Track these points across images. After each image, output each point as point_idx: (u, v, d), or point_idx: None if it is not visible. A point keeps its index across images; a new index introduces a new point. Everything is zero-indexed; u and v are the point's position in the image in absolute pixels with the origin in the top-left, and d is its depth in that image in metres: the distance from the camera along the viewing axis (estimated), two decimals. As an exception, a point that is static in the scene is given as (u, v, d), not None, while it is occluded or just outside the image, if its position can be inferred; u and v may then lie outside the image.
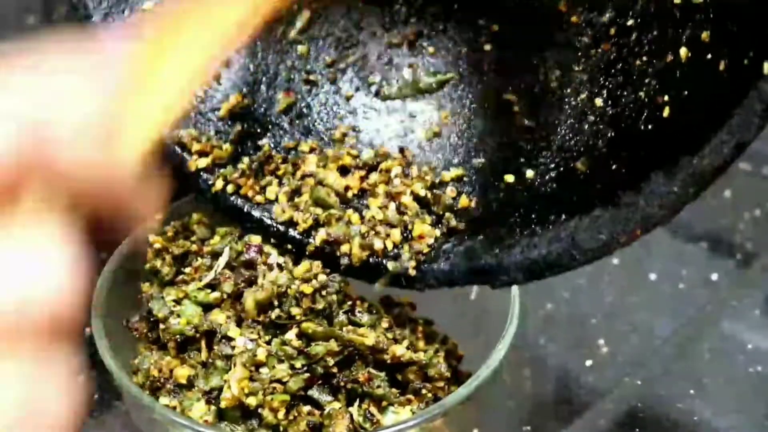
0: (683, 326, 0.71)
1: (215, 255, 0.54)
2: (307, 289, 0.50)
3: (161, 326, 0.52)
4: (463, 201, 0.54)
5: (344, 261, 0.52)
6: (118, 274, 0.55)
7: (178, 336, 0.52)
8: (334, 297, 0.51)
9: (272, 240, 0.54)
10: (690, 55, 0.47)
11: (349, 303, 0.52)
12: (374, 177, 0.55)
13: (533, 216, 0.51)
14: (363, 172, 0.55)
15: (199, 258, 0.54)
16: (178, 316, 0.52)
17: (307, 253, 0.53)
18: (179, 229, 0.56)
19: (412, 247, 0.52)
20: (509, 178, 0.54)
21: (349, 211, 0.53)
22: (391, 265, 0.52)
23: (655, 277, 0.75)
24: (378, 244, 0.52)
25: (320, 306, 0.51)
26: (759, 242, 0.78)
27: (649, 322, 0.71)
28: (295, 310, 0.50)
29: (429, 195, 0.54)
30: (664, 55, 0.48)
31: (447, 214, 0.53)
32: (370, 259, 0.52)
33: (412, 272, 0.52)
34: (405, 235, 0.53)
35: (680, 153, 0.45)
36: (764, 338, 0.69)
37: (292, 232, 0.54)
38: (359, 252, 0.52)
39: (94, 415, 0.63)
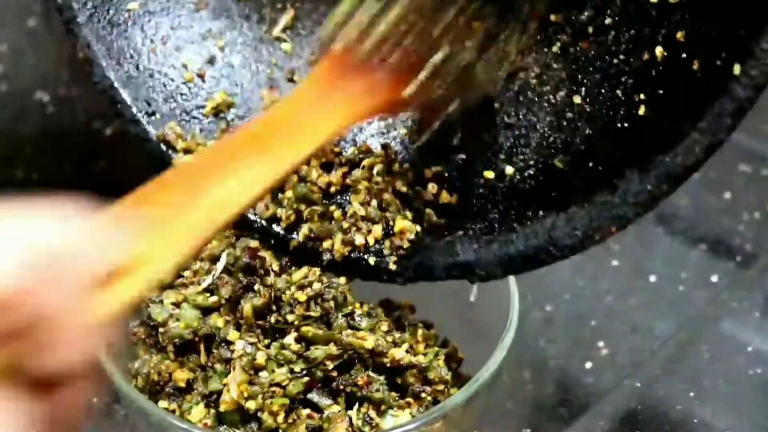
0: (683, 328, 0.71)
1: (214, 259, 0.54)
2: (302, 297, 0.50)
3: (160, 330, 0.52)
4: (444, 197, 0.54)
5: (326, 257, 0.52)
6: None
7: (177, 339, 0.52)
8: (331, 304, 0.51)
9: (256, 236, 0.54)
10: (665, 54, 0.48)
11: (349, 307, 0.52)
12: (357, 173, 0.55)
13: (512, 212, 0.51)
14: (345, 169, 0.56)
15: (197, 261, 0.54)
16: (177, 319, 0.52)
17: (290, 248, 0.53)
18: (178, 232, 0.56)
19: (393, 243, 0.52)
20: (489, 174, 0.54)
21: (332, 207, 0.54)
22: (372, 260, 0.52)
23: (655, 279, 0.75)
24: (359, 240, 0.52)
25: (315, 314, 0.51)
26: (759, 244, 0.78)
27: (648, 324, 0.71)
28: (291, 317, 0.50)
29: (410, 191, 0.54)
30: (640, 53, 0.49)
31: (427, 210, 0.54)
32: (352, 255, 0.52)
33: (393, 267, 0.52)
34: (386, 230, 0.53)
35: (654, 151, 0.45)
36: (764, 340, 0.69)
37: (275, 228, 0.54)
38: (341, 247, 0.52)
39: (93, 418, 0.63)
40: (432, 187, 0.55)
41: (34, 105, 0.89)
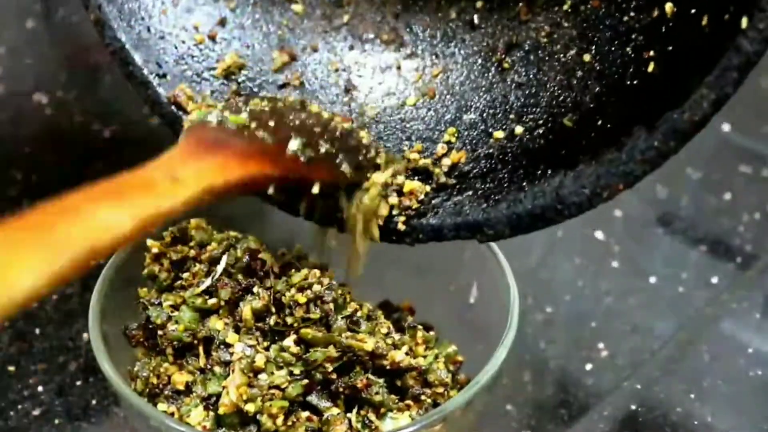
0: (683, 329, 0.71)
1: (213, 261, 0.53)
2: (301, 298, 0.50)
3: (159, 332, 0.52)
4: (453, 157, 0.54)
5: (337, 214, 0.52)
6: (116, 279, 0.55)
7: (175, 342, 0.51)
8: (331, 306, 0.51)
9: (267, 197, 0.54)
10: (675, 9, 0.48)
11: (349, 309, 0.52)
12: None
13: (520, 171, 0.51)
14: None
15: (197, 263, 0.54)
16: (176, 322, 0.52)
17: (299, 208, 0.53)
18: (177, 235, 0.56)
19: (401, 203, 0.52)
20: (499, 134, 0.54)
21: None
22: (380, 220, 0.52)
23: (655, 280, 0.75)
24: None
25: (315, 316, 0.50)
26: (759, 244, 0.78)
27: (648, 325, 0.71)
28: (290, 319, 0.50)
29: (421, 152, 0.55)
30: (651, 9, 0.49)
31: (437, 170, 0.54)
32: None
33: (402, 227, 0.52)
34: (396, 190, 0.53)
35: (662, 108, 0.45)
36: (764, 341, 0.69)
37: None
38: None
39: (92, 421, 0.63)
40: (442, 147, 0.55)
41: (33, 107, 0.89)
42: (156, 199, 0.44)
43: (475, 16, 0.58)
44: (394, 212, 0.52)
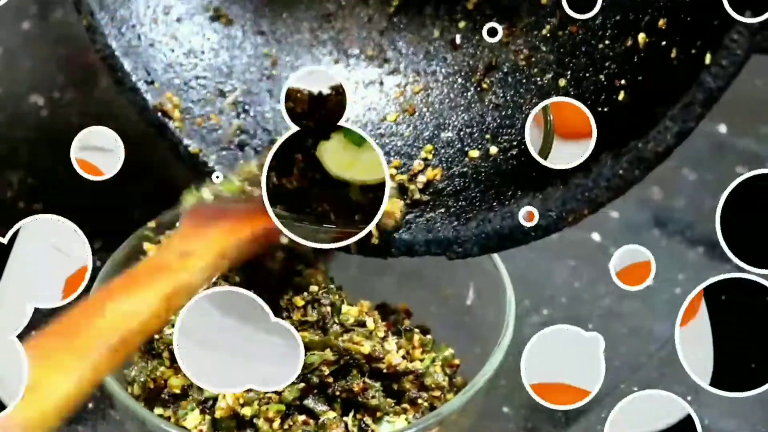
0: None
1: (209, 264, 0.53)
2: (299, 301, 0.50)
3: (155, 336, 0.52)
4: (429, 174, 0.55)
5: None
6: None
7: (172, 346, 0.51)
8: (328, 309, 0.51)
9: None
10: (647, 40, 0.49)
11: (345, 312, 0.52)
12: None
13: (492, 191, 0.53)
14: None
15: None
16: (173, 325, 0.51)
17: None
18: (173, 238, 0.56)
19: None
20: (474, 153, 0.56)
21: None
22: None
23: (652, 282, 0.75)
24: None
25: (312, 319, 0.50)
26: (756, 246, 0.78)
27: (646, 327, 0.71)
28: (287, 322, 0.50)
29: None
30: (624, 39, 0.51)
31: (412, 187, 0.55)
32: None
33: (375, 241, 0.53)
34: None
35: (628, 137, 0.47)
36: (762, 343, 0.69)
37: None
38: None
39: (88, 424, 0.63)
40: (418, 164, 0.56)
41: (29, 108, 0.89)
42: (172, 276, 0.46)
43: (458, 36, 0.59)
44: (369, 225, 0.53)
